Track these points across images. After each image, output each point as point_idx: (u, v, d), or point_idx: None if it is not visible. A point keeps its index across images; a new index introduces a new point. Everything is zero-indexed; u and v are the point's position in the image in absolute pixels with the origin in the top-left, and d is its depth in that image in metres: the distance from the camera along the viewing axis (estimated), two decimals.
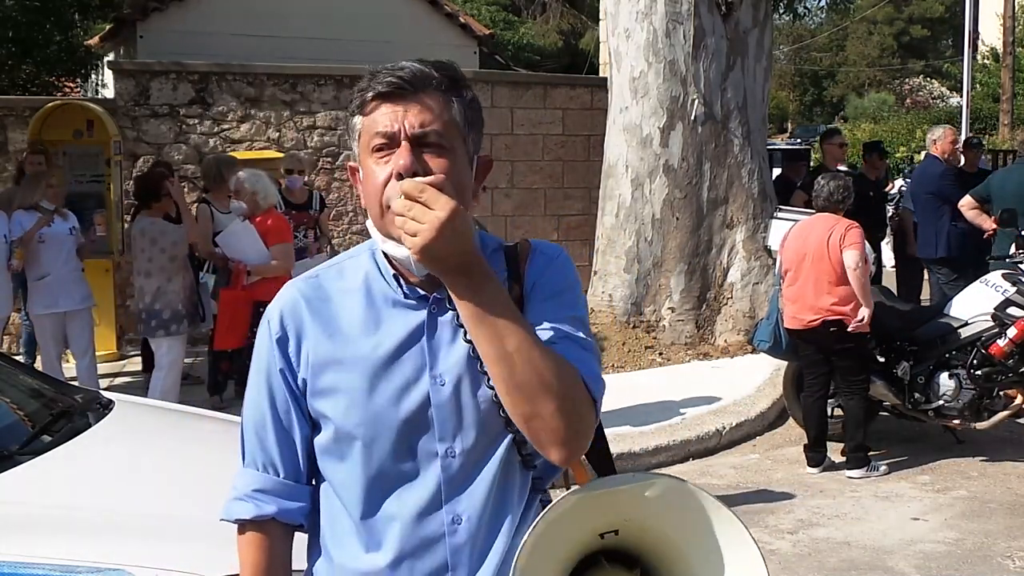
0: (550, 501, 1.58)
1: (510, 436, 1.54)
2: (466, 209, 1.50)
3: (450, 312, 1.54)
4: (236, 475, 1.65)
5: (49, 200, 6.69)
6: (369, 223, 1.56)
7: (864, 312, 5.72)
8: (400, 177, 1.45)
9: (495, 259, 1.59)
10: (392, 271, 1.57)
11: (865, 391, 5.96)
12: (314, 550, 1.65)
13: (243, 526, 1.62)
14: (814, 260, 5.82)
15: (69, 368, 7.28)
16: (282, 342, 1.58)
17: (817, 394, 6.01)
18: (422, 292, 1.55)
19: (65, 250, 6.70)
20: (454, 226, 1.37)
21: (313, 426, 1.60)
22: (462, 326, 1.49)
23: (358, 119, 1.53)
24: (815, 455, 5.98)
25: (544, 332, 1.50)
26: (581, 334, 1.54)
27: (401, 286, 1.56)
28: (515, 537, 1.54)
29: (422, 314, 1.55)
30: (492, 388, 1.50)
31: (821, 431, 6.00)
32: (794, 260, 5.94)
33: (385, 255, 1.57)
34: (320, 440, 1.58)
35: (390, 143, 1.49)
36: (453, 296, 1.43)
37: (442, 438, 1.52)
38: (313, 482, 1.64)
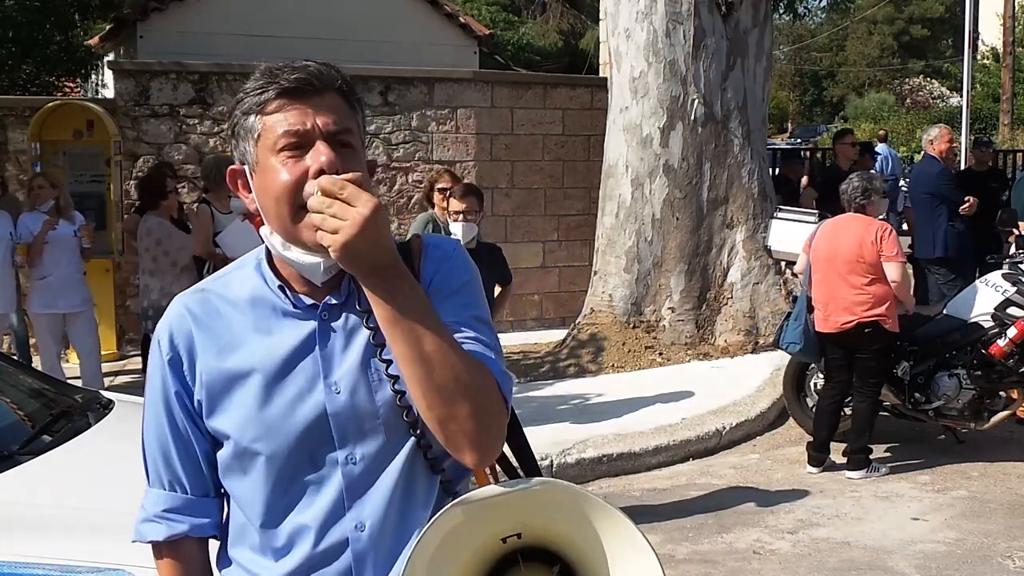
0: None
1: (412, 440, 1.51)
2: None
3: (343, 318, 1.51)
4: (144, 496, 1.62)
5: (37, 202, 6.72)
6: (265, 230, 1.52)
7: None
8: (322, 174, 1.41)
9: None
10: (278, 282, 1.53)
11: (877, 394, 5.93)
12: (223, 558, 1.62)
13: (158, 547, 1.60)
14: (847, 261, 5.74)
15: (68, 368, 7.28)
16: (174, 363, 1.55)
17: (836, 398, 5.95)
18: (310, 301, 1.52)
19: (68, 251, 6.73)
20: (376, 223, 1.34)
21: (214, 441, 1.57)
22: (374, 329, 1.46)
23: (255, 119, 1.47)
24: (818, 456, 5.96)
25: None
26: (484, 333, 1.50)
27: (288, 296, 1.52)
28: None
29: (312, 323, 1.51)
30: (396, 391, 1.47)
31: (830, 434, 5.95)
32: (823, 261, 5.86)
33: (270, 265, 1.54)
34: (221, 456, 1.55)
35: (301, 142, 1.44)
36: (369, 296, 1.40)
37: (342, 445, 1.49)
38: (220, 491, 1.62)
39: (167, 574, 1.61)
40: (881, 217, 6.01)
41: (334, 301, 1.52)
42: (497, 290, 5.53)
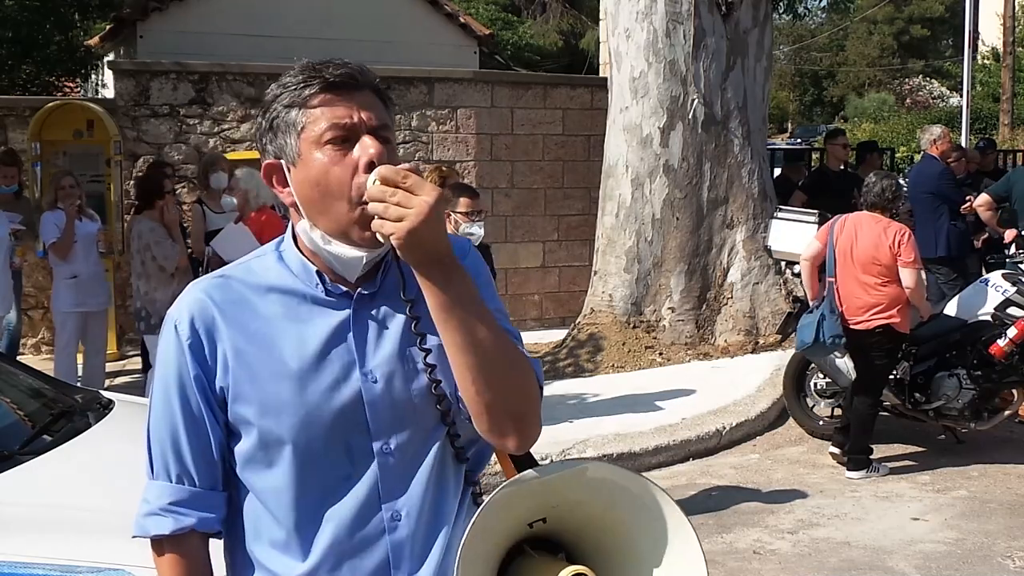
0: (482, 493, 1.59)
1: (444, 429, 1.53)
2: None
3: (376, 308, 1.52)
4: (146, 488, 1.57)
5: (62, 200, 6.74)
6: (303, 224, 1.51)
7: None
8: (371, 166, 1.42)
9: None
10: (315, 268, 1.52)
11: (879, 394, 5.91)
12: (239, 561, 1.58)
13: (160, 543, 1.54)
14: (862, 262, 5.71)
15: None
16: (195, 348, 1.50)
17: (875, 400, 5.90)
18: (343, 289, 1.53)
19: (94, 250, 6.80)
20: (439, 212, 1.36)
21: (229, 433, 1.53)
22: (417, 318, 1.47)
23: (298, 112, 1.47)
24: (862, 459, 5.86)
25: None
26: (509, 325, 1.54)
27: (324, 283, 1.52)
28: (454, 529, 1.54)
29: (345, 312, 1.51)
30: (432, 380, 1.49)
31: (869, 435, 5.89)
32: (839, 258, 5.81)
33: (304, 255, 1.54)
34: (243, 447, 1.51)
35: (347, 135, 1.45)
36: (423, 285, 1.40)
37: (377, 435, 1.49)
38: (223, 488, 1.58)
39: (169, 571, 1.55)
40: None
41: (367, 291, 1.53)
42: None
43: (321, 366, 1.49)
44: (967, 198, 8.16)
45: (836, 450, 6.04)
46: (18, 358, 7.22)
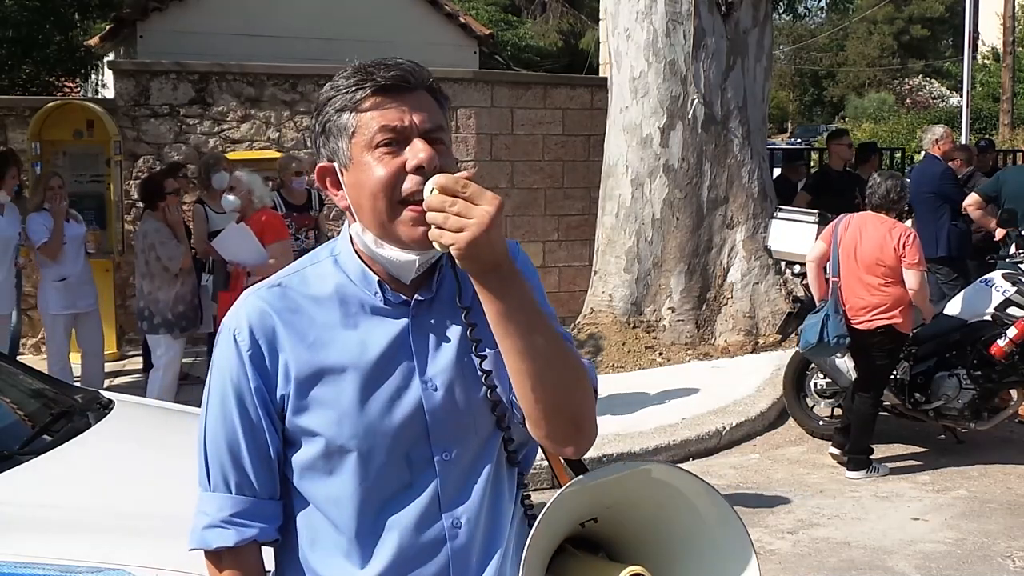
0: (529, 496, 1.60)
1: (500, 434, 1.53)
2: None
3: (433, 315, 1.51)
4: (202, 500, 1.55)
5: (48, 201, 6.73)
6: (356, 228, 1.50)
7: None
8: (420, 170, 1.41)
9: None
10: (376, 278, 1.51)
11: (880, 394, 5.91)
12: (290, 570, 1.57)
13: (219, 555, 1.53)
14: (866, 263, 5.69)
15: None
16: (256, 358, 1.49)
17: (876, 400, 5.90)
18: (404, 297, 1.51)
19: (82, 252, 6.80)
20: (500, 221, 1.33)
21: (286, 443, 1.52)
22: (473, 325, 1.46)
23: (349, 116, 1.46)
24: (862, 459, 5.87)
25: None
26: (560, 327, 1.52)
27: (383, 292, 1.50)
28: (511, 532, 1.55)
29: (403, 321, 1.51)
30: (488, 386, 1.48)
31: (869, 435, 5.90)
32: (842, 258, 5.80)
33: (362, 260, 1.52)
34: (302, 457, 1.50)
35: (397, 138, 1.44)
36: (481, 292, 1.38)
37: (436, 444, 1.49)
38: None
39: None
40: None
41: (423, 297, 1.52)
42: None
43: (382, 375, 1.48)
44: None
45: (836, 450, 6.04)
46: (18, 358, 7.22)
